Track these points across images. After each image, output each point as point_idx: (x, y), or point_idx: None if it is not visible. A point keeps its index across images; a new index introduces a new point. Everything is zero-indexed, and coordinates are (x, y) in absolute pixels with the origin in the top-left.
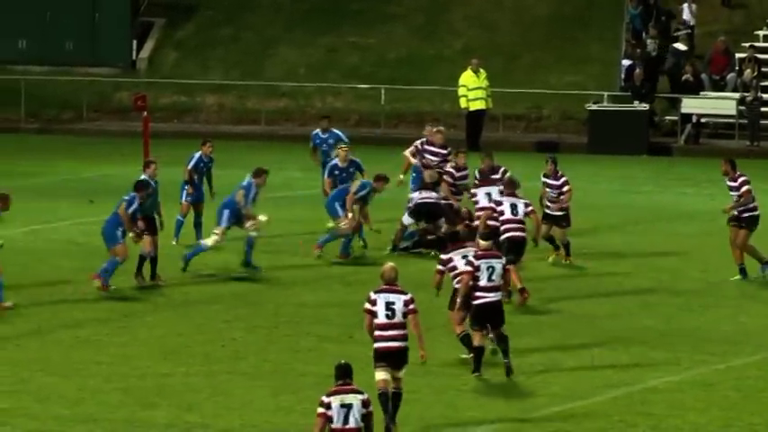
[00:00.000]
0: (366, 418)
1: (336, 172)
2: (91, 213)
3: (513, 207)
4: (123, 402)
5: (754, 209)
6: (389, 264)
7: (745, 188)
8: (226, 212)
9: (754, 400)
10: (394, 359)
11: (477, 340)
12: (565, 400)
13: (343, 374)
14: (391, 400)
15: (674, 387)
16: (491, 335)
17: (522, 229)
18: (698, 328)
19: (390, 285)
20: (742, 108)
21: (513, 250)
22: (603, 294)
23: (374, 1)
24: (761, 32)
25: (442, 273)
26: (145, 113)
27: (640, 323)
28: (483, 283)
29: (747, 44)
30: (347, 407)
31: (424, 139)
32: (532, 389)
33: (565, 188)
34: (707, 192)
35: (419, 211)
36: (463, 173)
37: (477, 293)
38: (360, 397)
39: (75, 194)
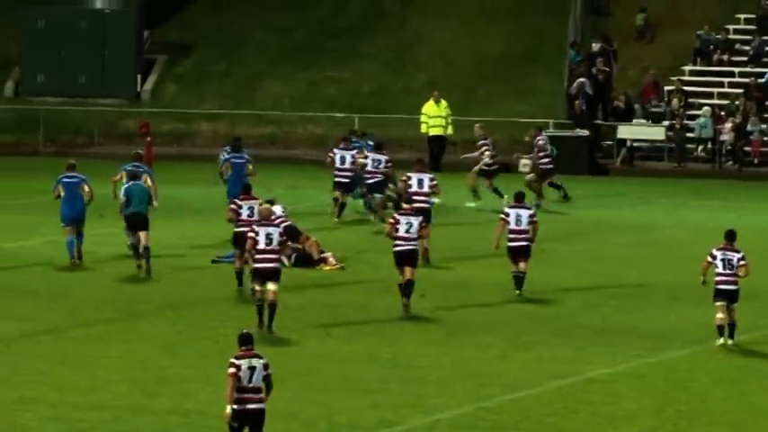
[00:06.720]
0: (266, 378)
1: None
2: (101, 226)
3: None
4: (130, 391)
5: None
6: (265, 205)
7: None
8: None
9: (682, 390)
10: (269, 276)
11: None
12: (515, 390)
13: (246, 341)
14: (268, 310)
15: (611, 378)
16: None
17: (426, 201)
18: (632, 326)
19: (268, 221)
20: (670, 134)
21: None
22: (550, 296)
23: (349, 40)
24: (686, 68)
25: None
26: (148, 139)
27: (582, 321)
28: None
29: (675, 78)
30: (252, 369)
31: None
32: (488, 380)
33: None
34: (640, 207)
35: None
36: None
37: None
38: (262, 361)
39: (88, 210)
